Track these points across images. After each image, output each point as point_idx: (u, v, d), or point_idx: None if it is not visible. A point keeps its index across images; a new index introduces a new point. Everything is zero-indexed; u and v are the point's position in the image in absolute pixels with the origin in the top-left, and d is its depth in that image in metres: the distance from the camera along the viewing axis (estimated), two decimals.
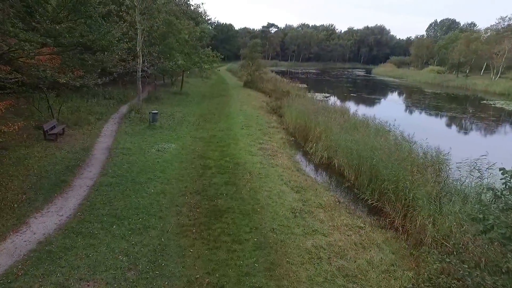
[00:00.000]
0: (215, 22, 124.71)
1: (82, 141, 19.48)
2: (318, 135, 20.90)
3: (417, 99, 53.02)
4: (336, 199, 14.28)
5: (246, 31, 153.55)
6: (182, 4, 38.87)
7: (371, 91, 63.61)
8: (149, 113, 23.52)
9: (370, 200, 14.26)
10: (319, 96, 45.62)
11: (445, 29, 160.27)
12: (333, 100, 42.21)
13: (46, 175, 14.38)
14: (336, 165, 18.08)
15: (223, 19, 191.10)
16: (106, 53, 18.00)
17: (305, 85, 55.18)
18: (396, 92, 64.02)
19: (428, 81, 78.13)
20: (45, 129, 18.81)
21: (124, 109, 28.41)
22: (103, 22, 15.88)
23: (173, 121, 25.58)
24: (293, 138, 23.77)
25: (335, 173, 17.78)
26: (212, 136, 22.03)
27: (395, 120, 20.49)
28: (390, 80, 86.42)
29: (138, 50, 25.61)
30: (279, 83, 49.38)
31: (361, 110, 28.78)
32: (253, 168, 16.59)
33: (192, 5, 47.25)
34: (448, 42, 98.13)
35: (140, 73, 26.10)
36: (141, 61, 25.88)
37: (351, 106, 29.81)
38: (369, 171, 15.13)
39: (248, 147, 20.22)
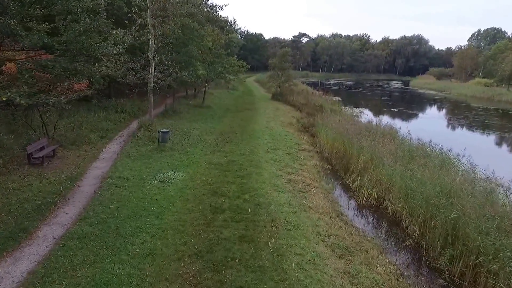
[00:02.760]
0: (244, 32, 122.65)
1: (73, 166, 16.10)
2: (363, 165, 16.51)
3: (468, 115, 46.98)
4: (398, 271, 9.90)
5: (276, 40, 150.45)
6: (202, 6, 35.36)
7: (413, 106, 58.06)
8: (158, 131, 20.00)
9: (449, 274, 9.77)
10: (354, 110, 40.99)
11: (490, 38, 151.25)
12: (372, 116, 37.37)
13: (5, 219, 10.88)
14: (390, 210, 13.63)
15: (253, 29, 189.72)
16: (81, 59, 14.53)
17: (338, 98, 50.60)
18: (442, 107, 57.87)
19: (475, 95, 71.16)
20: (29, 152, 15.57)
21: (135, 124, 25.11)
22: (88, 19, 12.50)
23: (187, 141, 21.92)
24: (329, 165, 19.46)
25: (389, 221, 13.35)
26: (230, 162, 18.13)
27: (464, 149, 15.76)
28: (431, 93, 79.89)
29: (150, 58, 22.30)
30: (310, 96, 45.18)
31: (406, 129, 23.89)
32: (279, 213, 12.47)
33: (219, 9, 43.94)
34: (496, 52, 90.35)
35: (152, 84, 22.73)
36: (153, 70, 22.53)
37: (393, 123, 25.01)
38: (444, 228, 10.65)
39: (273, 178, 16.14)
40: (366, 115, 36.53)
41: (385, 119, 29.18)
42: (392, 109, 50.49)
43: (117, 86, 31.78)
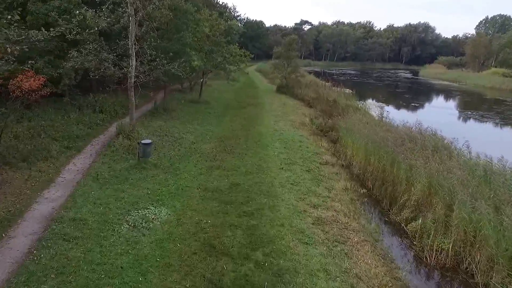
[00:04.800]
0: (244, 19, 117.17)
1: (13, 199, 11.39)
2: (421, 195, 11.80)
3: (499, 110, 41.46)
4: None
5: (277, 28, 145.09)
6: None
7: (433, 99, 53.10)
8: (138, 143, 15.21)
9: None
10: (371, 105, 36.18)
11: (498, 26, 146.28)
12: (397, 114, 32.40)
13: None
14: (480, 280, 8.95)
15: (253, 16, 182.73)
16: None
17: (349, 90, 45.59)
18: (465, 101, 51.97)
19: (494, 86, 65.76)
20: None
21: (115, 128, 20.29)
22: None
23: (177, 152, 17.20)
24: (363, 189, 14.73)
25: None
26: (233, 187, 13.42)
27: None
28: (446, 84, 74.55)
29: (130, 46, 17.41)
30: (321, 88, 40.24)
31: (447, 132, 19.01)
32: None
33: None
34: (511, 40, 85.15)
35: (132, 80, 17.87)
36: (134, 62, 17.65)
37: (429, 124, 19.84)
38: None
39: (295, 216, 11.45)
40: (387, 112, 31.61)
41: (414, 117, 24.30)
42: (413, 104, 45.45)
43: (100, 79, 26.92)
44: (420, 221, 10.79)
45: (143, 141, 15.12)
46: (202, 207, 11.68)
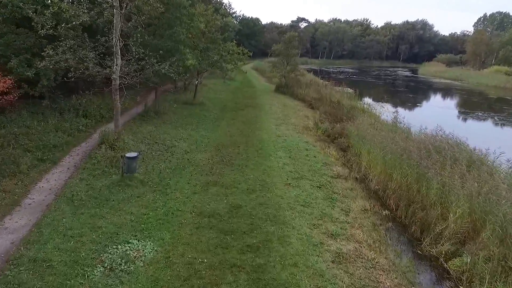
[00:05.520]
0: (240, 16, 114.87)
1: None
2: (461, 224, 9.76)
3: (510, 111, 39.82)
4: None
5: (273, 25, 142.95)
6: None
7: (439, 99, 50.94)
8: (122, 157, 13.01)
9: None
10: (373, 103, 34.12)
11: (497, 23, 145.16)
12: (407, 116, 30.26)
13: None
14: None
15: (249, 13, 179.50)
16: None
17: (350, 89, 43.50)
18: (472, 101, 49.19)
19: (498, 84, 63.71)
20: None
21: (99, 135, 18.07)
22: None
23: (168, 164, 15.04)
24: (385, 209, 12.64)
25: None
26: (234, 210, 11.32)
27: None
28: (448, 83, 72.57)
29: (114, 42, 15.20)
30: (322, 88, 38.14)
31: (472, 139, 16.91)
32: None
33: None
34: None
35: (118, 81, 15.67)
36: (119, 62, 15.44)
37: (450, 130, 17.77)
38: None
39: (310, 252, 9.35)
40: (398, 114, 29.61)
41: (423, 119, 22.28)
42: (418, 104, 43.57)
43: (87, 80, 24.61)
44: (468, 259, 8.71)
45: (127, 154, 12.95)
46: (197, 239, 9.56)
